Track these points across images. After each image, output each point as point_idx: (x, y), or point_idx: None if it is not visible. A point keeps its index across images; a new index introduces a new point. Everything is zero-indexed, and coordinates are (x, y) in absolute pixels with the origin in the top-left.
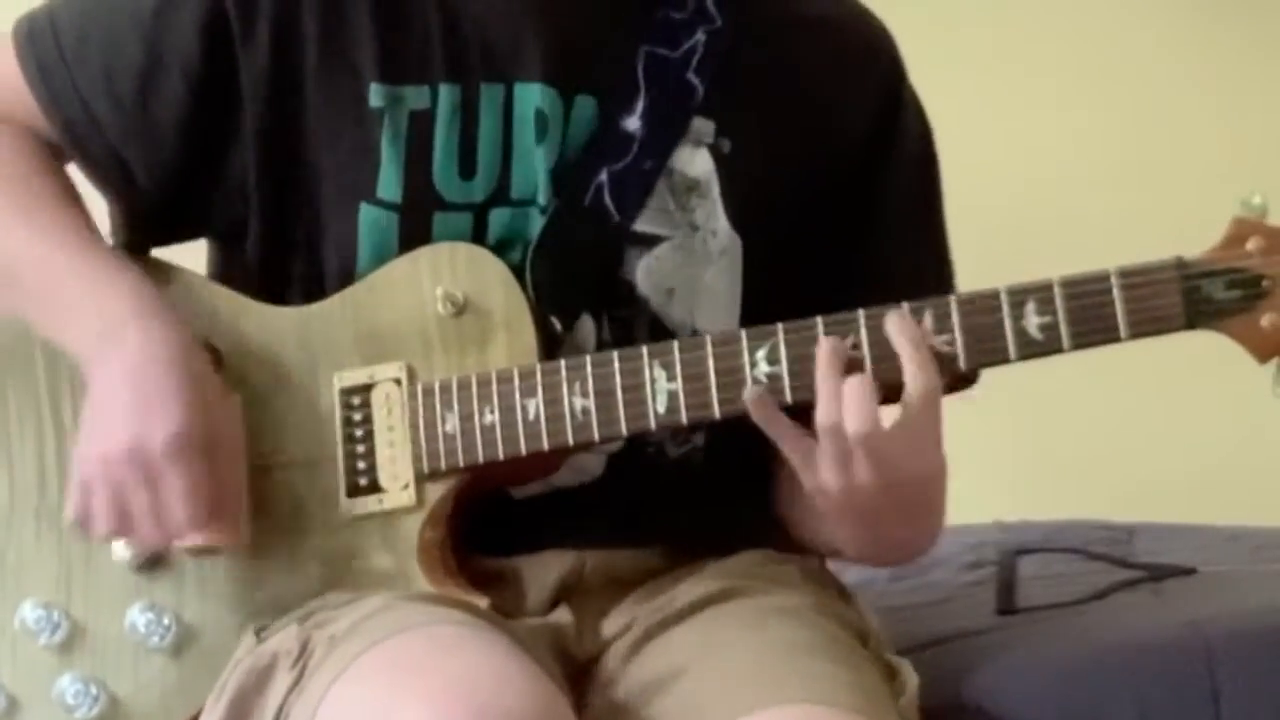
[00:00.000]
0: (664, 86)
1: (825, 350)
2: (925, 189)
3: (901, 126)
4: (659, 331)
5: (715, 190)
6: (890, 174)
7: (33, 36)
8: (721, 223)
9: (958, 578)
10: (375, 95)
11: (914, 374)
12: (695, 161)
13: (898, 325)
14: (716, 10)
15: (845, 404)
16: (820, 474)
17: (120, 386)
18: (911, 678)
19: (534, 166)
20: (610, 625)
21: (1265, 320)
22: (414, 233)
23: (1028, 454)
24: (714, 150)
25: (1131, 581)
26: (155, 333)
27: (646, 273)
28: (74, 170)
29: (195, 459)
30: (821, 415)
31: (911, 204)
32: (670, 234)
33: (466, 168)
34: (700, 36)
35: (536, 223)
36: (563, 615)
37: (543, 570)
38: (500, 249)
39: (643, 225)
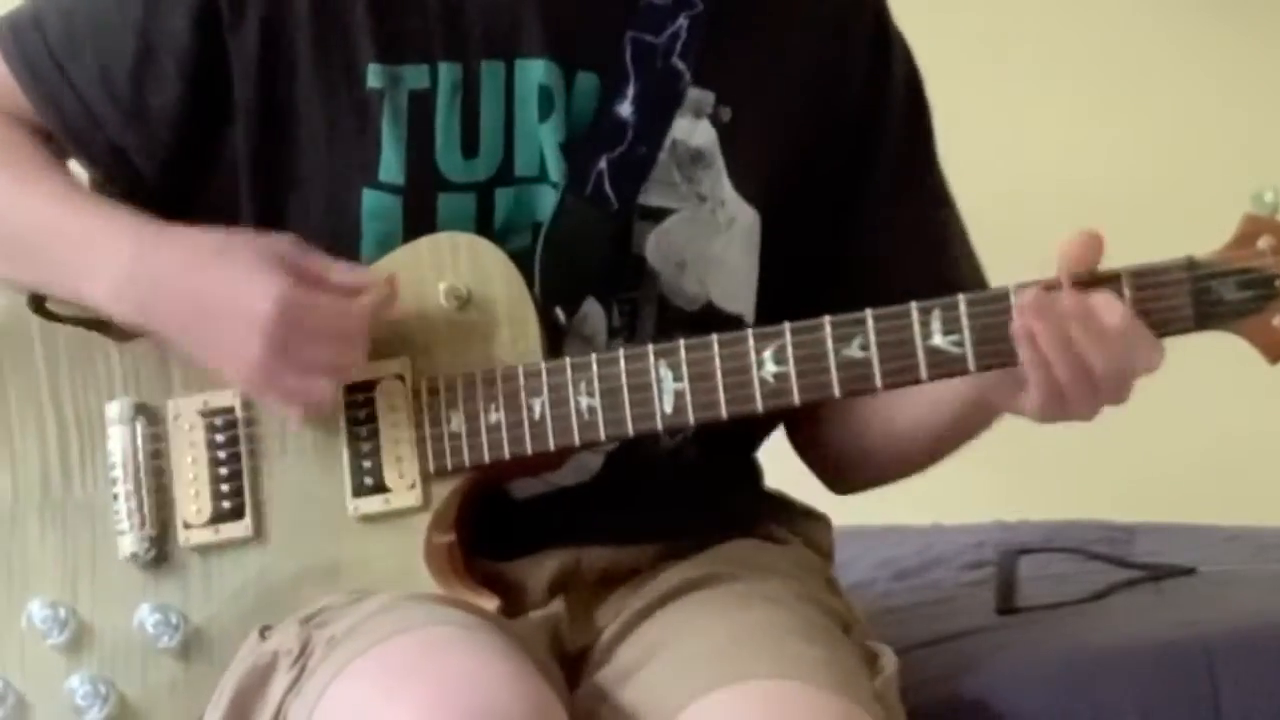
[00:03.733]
0: (652, 72)
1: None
2: (917, 132)
3: (890, 73)
4: (666, 310)
5: (719, 160)
6: (884, 121)
7: (18, 36)
8: (728, 192)
9: (958, 578)
10: (373, 76)
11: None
12: (697, 132)
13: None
14: None
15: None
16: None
17: (200, 311)
18: (891, 661)
19: (538, 143)
20: (602, 616)
21: (1277, 320)
22: (418, 215)
23: (1028, 454)
24: (715, 119)
25: (1131, 581)
26: (171, 246)
27: (656, 247)
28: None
29: (302, 293)
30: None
31: (905, 151)
32: (678, 206)
33: (469, 147)
34: (683, 21)
35: (545, 200)
36: (556, 607)
37: (539, 568)
38: (507, 230)
39: (649, 199)
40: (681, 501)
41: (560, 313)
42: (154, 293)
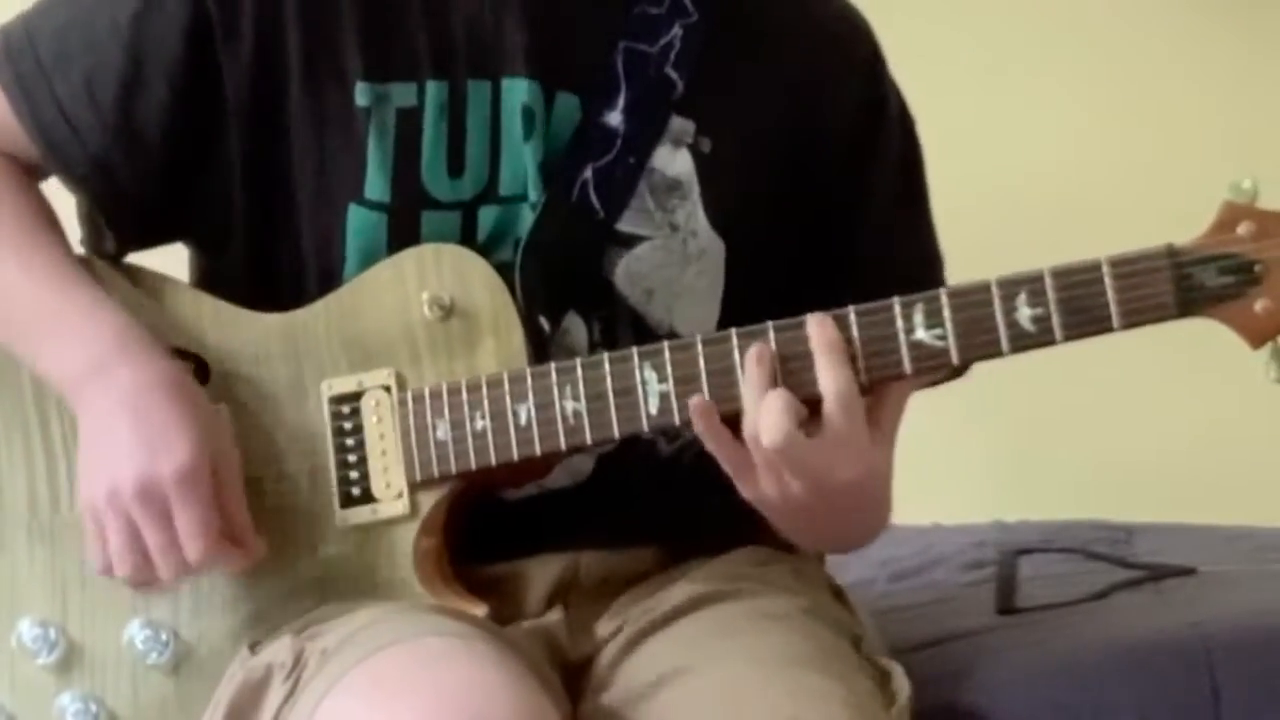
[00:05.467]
0: (644, 82)
1: (751, 358)
2: (909, 181)
3: (883, 120)
4: (641, 330)
5: (695, 191)
6: (873, 168)
7: (9, 49)
8: (702, 223)
9: (958, 578)
10: (361, 94)
11: (827, 380)
12: (675, 161)
13: (816, 329)
14: (692, 4)
15: (760, 417)
16: (755, 484)
17: (117, 421)
18: (904, 684)
19: (523, 162)
20: (603, 626)
21: (1258, 305)
22: (403, 233)
23: (1028, 454)
24: (694, 150)
25: (1131, 581)
26: (144, 365)
27: (625, 273)
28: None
29: (204, 488)
30: (745, 426)
31: (896, 198)
32: (651, 234)
33: (455, 165)
34: (677, 31)
35: (526, 219)
36: (554, 616)
37: (538, 573)
38: (490, 246)
39: (624, 225)
40: (679, 504)
41: (544, 321)
42: (98, 391)
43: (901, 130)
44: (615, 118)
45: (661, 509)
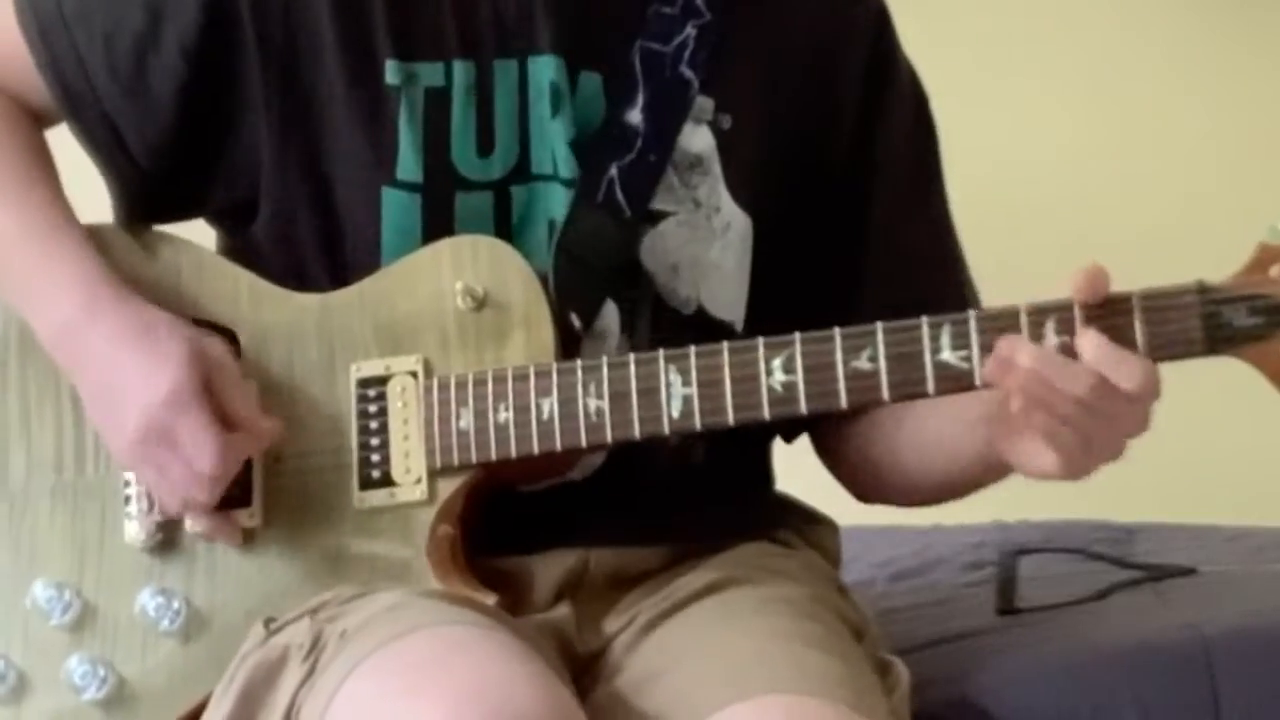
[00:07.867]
0: (661, 81)
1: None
2: (921, 151)
3: (891, 84)
4: (661, 311)
5: (716, 166)
6: (883, 133)
7: None
8: (724, 199)
9: (958, 578)
10: (391, 72)
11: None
12: (696, 138)
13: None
14: (705, 5)
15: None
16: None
17: (103, 381)
18: (904, 675)
19: (552, 140)
20: (612, 622)
21: None
22: (437, 214)
23: None
24: (714, 126)
25: (1131, 581)
26: (111, 320)
27: (651, 249)
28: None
29: (195, 401)
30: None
31: (908, 167)
32: (675, 210)
33: (484, 145)
34: (690, 30)
35: (558, 197)
36: (563, 611)
37: (547, 568)
38: (524, 226)
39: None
40: (688, 501)
41: (575, 319)
42: (78, 353)
43: (912, 98)
44: (635, 115)
45: (672, 506)
